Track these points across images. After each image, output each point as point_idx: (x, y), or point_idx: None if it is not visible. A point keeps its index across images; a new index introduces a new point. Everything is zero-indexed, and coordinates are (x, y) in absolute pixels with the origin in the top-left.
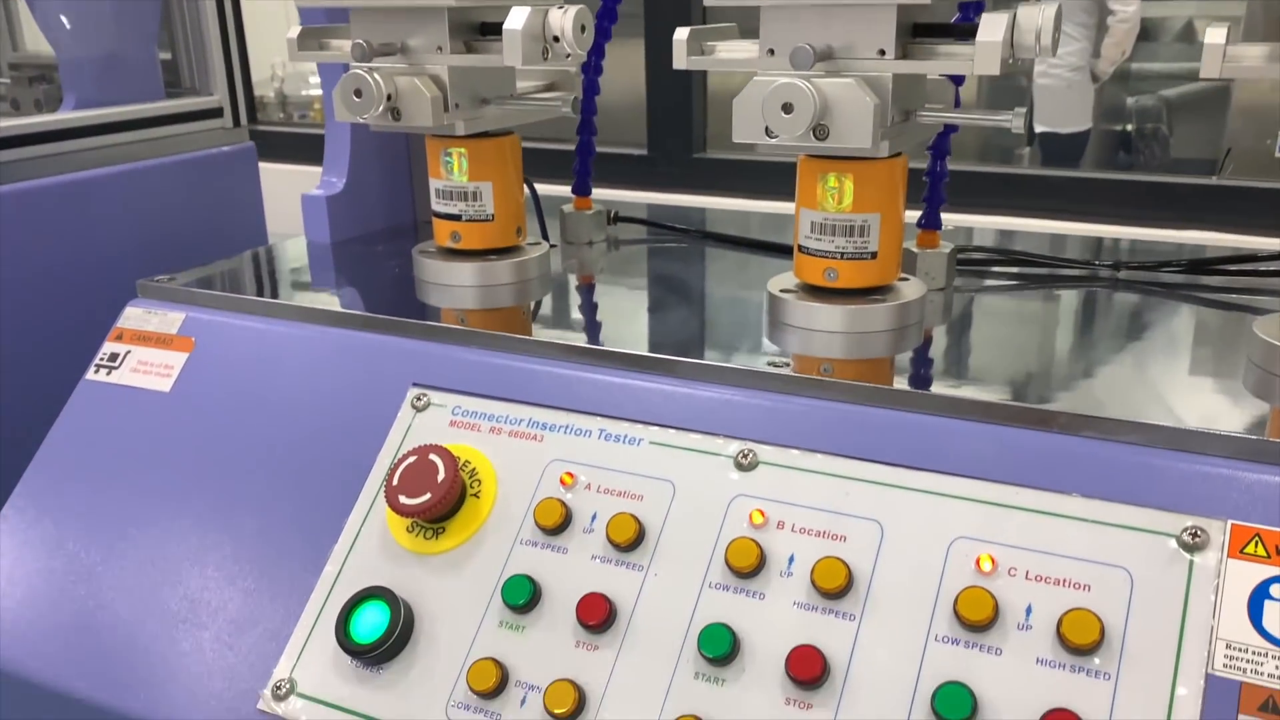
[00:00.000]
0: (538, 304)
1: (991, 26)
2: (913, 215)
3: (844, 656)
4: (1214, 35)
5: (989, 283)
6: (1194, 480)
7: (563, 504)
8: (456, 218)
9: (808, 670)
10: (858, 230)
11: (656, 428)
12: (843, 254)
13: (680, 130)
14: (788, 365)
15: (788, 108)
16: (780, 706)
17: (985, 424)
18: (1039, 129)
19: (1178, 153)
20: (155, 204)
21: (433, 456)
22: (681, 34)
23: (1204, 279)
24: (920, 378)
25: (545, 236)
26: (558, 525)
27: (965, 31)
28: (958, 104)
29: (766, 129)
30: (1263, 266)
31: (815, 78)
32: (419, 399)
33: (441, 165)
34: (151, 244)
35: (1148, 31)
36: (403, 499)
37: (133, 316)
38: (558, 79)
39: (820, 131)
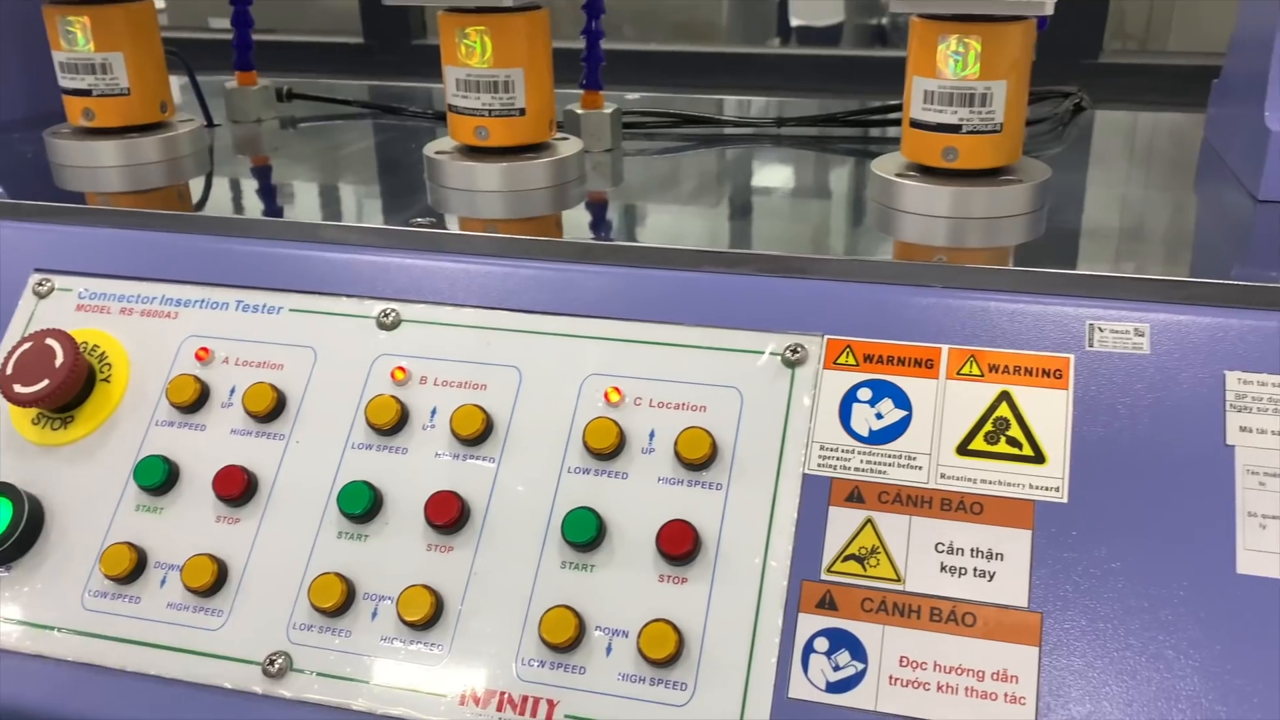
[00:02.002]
0: (207, 180)
1: None
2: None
3: (483, 498)
4: None
5: (657, 144)
6: (797, 301)
7: (198, 380)
8: (86, 93)
9: (445, 514)
10: (503, 86)
11: (297, 294)
12: (490, 111)
13: (397, 14)
14: (432, 223)
15: None
16: (423, 554)
17: (615, 267)
18: (794, 22)
19: None
20: None
21: (49, 341)
22: None
23: (866, 131)
24: (572, 230)
25: (207, 117)
26: (193, 402)
27: None
28: None
29: None
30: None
31: None
32: (41, 285)
33: (62, 36)
34: None
35: None
36: (18, 388)
37: None
38: None
39: None
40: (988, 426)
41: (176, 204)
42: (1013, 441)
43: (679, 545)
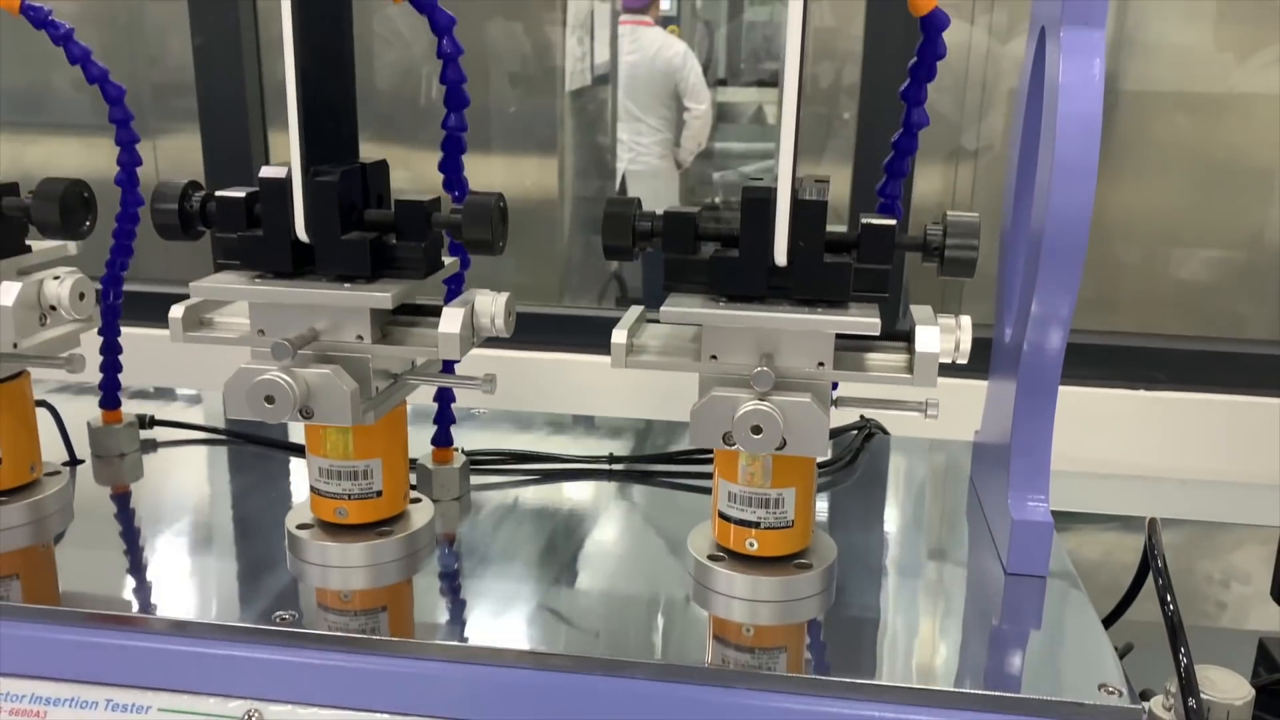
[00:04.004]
0: (59, 533)
1: (451, 319)
2: None
3: None
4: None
5: (500, 480)
6: (619, 701)
7: None
8: None
9: None
10: (362, 475)
11: (166, 693)
12: (350, 495)
13: None
14: (294, 617)
15: (270, 399)
16: None
17: (460, 664)
18: (621, 168)
19: None
20: None
21: None
22: (176, 311)
23: (690, 467)
24: (422, 606)
25: (71, 455)
26: None
27: (439, 311)
28: None
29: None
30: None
31: (298, 367)
32: None
33: None
34: None
35: (727, 115)
36: None
37: None
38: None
39: (306, 412)
40: None
41: (40, 583)
42: None
43: None
